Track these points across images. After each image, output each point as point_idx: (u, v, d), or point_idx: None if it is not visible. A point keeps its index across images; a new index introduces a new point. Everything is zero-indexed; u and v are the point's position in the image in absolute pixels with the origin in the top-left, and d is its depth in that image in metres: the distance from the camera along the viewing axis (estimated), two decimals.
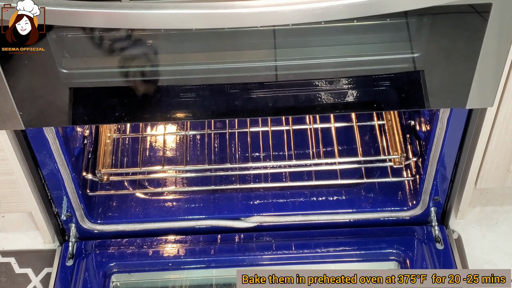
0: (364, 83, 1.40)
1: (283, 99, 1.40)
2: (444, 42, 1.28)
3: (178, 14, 1.12)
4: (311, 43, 1.33)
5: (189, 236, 1.74)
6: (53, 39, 1.25)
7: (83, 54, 1.33)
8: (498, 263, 1.78)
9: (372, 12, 1.15)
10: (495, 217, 1.88)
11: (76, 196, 1.68)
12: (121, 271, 1.71)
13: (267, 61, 1.34)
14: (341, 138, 1.83)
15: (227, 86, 1.37)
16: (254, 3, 1.12)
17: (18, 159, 1.54)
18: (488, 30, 1.24)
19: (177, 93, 1.38)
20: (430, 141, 1.59)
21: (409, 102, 1.43)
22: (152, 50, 1.32)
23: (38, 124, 1.41)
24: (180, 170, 1.80)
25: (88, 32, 1.27)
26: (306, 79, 1.37)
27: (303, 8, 1.12)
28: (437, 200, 1.73)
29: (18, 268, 1.79)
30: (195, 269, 1.71)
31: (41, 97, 1.35)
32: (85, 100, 1.38)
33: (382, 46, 1.34)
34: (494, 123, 1.53)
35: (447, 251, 1.72)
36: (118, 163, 1.84)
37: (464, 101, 1.37)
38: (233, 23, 1.15)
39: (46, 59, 1.27)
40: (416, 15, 1.26)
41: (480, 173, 1.67)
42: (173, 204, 1.78)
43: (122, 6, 1.12)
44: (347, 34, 1.32)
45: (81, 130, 1.75)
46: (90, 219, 1.75)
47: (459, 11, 1.23)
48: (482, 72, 1.31)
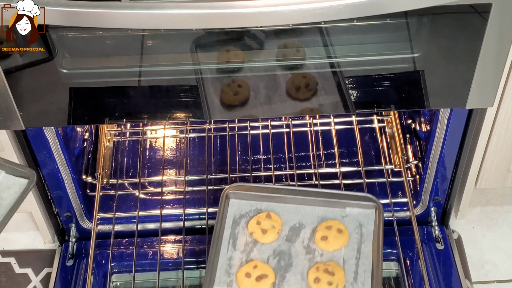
0: (364, 83, 1.40)
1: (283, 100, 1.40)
2: (444, 42, 1.28)
3: (178, 14, 1.12)
4: (311, 43, 1.33)
5: (189, 236, 1.74)
6: (53, 39, 1.25)
7: (83, 54, 1.33)
8: (498, 263, 1.78)
9: (372, 12, 1.15)
10: (495, 217, 1.88)
11: (76, 196, 1.68)
12: (121, 271, 1.71)
13: (267, 61, 1.34)
14: (341, 139, 1.82)
15: (227, 86, 1.37)
16: (254, 3, 1.12)
17: (18, 159, 1.54)
18: (488, 30, 1.24)
19: (177, 93, 1.38)
20: (430, 141, 1.59)
21: (409, 102, 1.43)
22: (152, 50, 1.32)
23: (38, 124, 1.41)
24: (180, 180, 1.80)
25: (88, 32, 1.27)
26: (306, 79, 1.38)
27: (303, 8, 1.12)
28: (437, 200, 1.73)
29: (18, 268, 1.79)
30: (195, 269, 1.70)
31: (41, 97, 1.35)
32: (85, 100, 1.38)
33: (382, 46, 1.34)
34: (494, 123, 1.54)
35: (447, 251, 1.72)
36: (118, 166, 1.84)
37: (464, 101, 1.37)
38: (233, 23, 1.15)
39: (46, 59, 1.27)
40: (416, 15, 1.26)
41: (480, 173, 1.67)
42: (173, 204, 1.78)
43: (122, 6, 1.12)
44: (347, 34, 1.32)
45: (81, 131, 1.75)
46: (90, 219, 1.75)
47: (459, 11, 1.23)
48: (482, 72, 1.31)
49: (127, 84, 1.36)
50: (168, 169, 1.87)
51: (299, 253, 1.50)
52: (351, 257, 1.49)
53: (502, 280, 1.76)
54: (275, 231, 1.52)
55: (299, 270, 1.47)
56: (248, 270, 1.46)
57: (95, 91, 1.38)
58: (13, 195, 1.31)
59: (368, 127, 1.88)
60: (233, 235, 1.53)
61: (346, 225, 1.53)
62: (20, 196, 1.30)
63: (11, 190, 1.32)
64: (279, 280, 1.46)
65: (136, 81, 1.36)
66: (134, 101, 1.39)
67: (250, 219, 1.55)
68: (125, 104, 1.39)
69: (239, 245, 1.51)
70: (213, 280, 1.46)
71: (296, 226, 1.54)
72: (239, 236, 1.52)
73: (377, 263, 1.46)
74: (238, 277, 1.46)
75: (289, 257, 1.49)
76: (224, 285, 1.45)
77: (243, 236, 1.53)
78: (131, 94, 1.38)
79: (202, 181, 1.79)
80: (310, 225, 1.54)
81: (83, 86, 1.37)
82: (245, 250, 1.50)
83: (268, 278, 1.45)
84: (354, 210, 1.55)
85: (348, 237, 1.51)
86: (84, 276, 1.67)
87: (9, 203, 1.30)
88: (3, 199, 1.31)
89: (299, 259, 1.49)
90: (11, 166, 1.33)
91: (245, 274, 1.46)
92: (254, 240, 1.52)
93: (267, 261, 1.49)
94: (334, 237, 1.50)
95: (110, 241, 1.67)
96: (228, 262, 1.48)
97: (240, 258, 1.49)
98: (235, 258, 1.49)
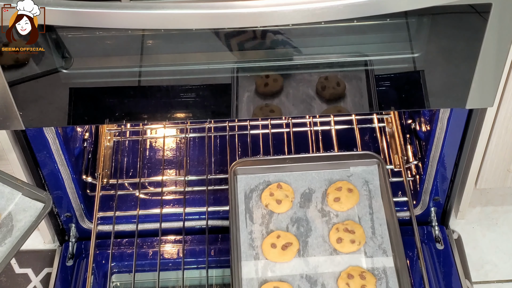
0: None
1: (283, 99, 1.40)
2: (444, 42, 1.28)
3: (178, 14, 1.12)
4: (311, 43, 1.33)
5: (189, 236, 1.74)
6: (53, 39, 1.25)
7: (83, 54, 1.33)
8: (498, 263, 1.78)
9: (372, 12, 1.15)
10: (495, 217, 1.88)
11: (76, 196, 1.68)
12: (121, 271, 1.71)
13: (267, 61, 1.34)
14: (341, 140, 1.82)
15: (226, 86, 1.37)
16: (254, 3, 1.12)
17: (18, 159, 1.54)
18: (488, 30, 1.24)
19: (177, 93, 1.38)
20: (430, 141, 1.59)
21: (409, 102, 1.43)
22: (152, 50, 1.32)
23: (38, 124, 1.41)
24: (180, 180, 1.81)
25: (88, 32, 1.27)
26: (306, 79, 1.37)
27: (303, 8, 1.12)
28: (437, 200, 1.73)
29: (18, 268, 1.79)
30: (195, 269, 1.70)
31: (41, 97, 1.35)
32: (85, 100, 1.38)
33: (382, 46, 1.34)
34: (494, 123, 1.54)
35: (447, 251, 1.72)
36: (118, 166, 1.84)
37: (464, 101, 1.37)
38: (233, 23, 1.15)
39: (46, 59, 1.27)
40: (416, 15, 1.26)
41: (480, 173, 1.67)
42: (173, 204, 1.78)
43: (122, 6, 1.12)
44: (347, 34, 1.32)
45: (81, 131, 1.75)
46: (90, 219, 1.75)
47: (459, 11, 1.23)
48: (482, 72, 1.31)
49: (127, 84, 1.36)
50: (168, 169, 1.87)
51: (315, 217, 1.56)
52: (365, 214, 1.57)
53: (502, 280, 1.76)
54: (289, 199, 1.58)
55: (319, 234, 1.53)
56: (272, 240, 1.51)
57: (95, 91, 1.38)
58: (28, 218, 1.32)
59: (368, 127, 1.87)
60: (248, 209, 1.58)
61: (354, 184, 1.60)
62: (35, 220, 1.32)
63: (27, 212, 1.33)
64: (302, 245, 1.52)
65: (136, 81, 1.36)
66: (134, 101, 1.39)
67: (262, 192, 1.60)
68: (125, 104, 1.39)
69: (256, 219, 1.56)
70: (239, 255, 1.50)
71: (306, 192, 1.60)
72: (254, 210, 1.58)
73: (390, 215, 1.54)
74: (263, 249, 1.51)
75: (307, 223, 1.55)
76: (251, 259, 1.50)
77: (258, 209, 1.58)
78: (131, 94, 1.38)
79: (202, 181, 1.80)
80: (320, 189, 1.61)
81: (83, 86, 1.37)
82: (263, 223, 1.55)
83: (293, 245, 1.51)
84: (357, 168, 1.62)
85: (359, 195, 1.59)
86: (84, 276, 1.67)
87: (24, 227, 1.31)
88: (19, 221, 1.32)
89: (317, 223, 1.55)
90: (28, 189, 1.35)
91: (271, 245, 1.51)
92: (269, 211, 1.57)
93: (287, 230, 1.55)
94: (346, 197, 1.58)
95: (110, 241, 1.67)
96: (250, 236, 1.53)
97: (261, 231, 1.54)
98: (255, 231, 1.54)
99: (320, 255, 1.50)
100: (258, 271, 1.48)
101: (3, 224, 1.32)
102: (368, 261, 1.49)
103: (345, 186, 1.60)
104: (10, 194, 1.35)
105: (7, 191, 1.35)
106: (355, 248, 1.51)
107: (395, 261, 1.49)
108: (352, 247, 1.50)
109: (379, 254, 1.50)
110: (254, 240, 1.52)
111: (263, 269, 1.49)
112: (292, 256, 1.50)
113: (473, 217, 1.87)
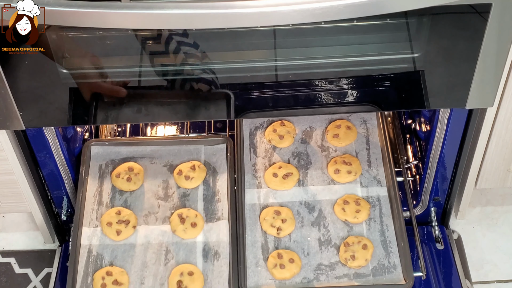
0: (364, 83, 1.40)
1: (283, 99, 1.40)
2: (444, 42, 1.28)
3: (178, 14, 1.12)
4: (311, 43, 1.33)
5: None
6: (53, 39, 1.25)
7: (83, 54, 1.33)
8: (498, 263, 1.78)
9: (372, 12, 1.15)
10: (495, 217, 1.88)
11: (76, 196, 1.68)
12: None
13: (267, 61, 1.34)
14: None
15: (226, 86, 1.37)
16: (254, 3, 1.12)
17: (18, 159, 1.54)
18: (488, 30, 1.24)
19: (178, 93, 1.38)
20: (430, 141, 1.59)
21: (409, 102, 1.43)
22: (152, 50, 1.32)
23: (38, 124, 1.41)
24: None
25: (88, 32, 1.27)
26: (306, 79, 1.37)
27: (303, 8, 1.12)
28: (437, 200, 1.73)
29: (18, 268, 1.79)
30: None
31: (41, 97, 1.35)
32: (85, 100, 1.38)
33: (382, 46, 1.34)
34: (494, 123, 1.53)
35: (447, 251, 1.72)
36: None
37: (464, 101, 1.37)
38: (233, 23, 1.15)
39: (46, 59, 1.27)
40: (416, 15, 1.26)
41: (480, 173, 1.67)
42: None
43: (122, 6, 1.12)
44: (347, 34, 1.32)
45: (81, 131, 1.75)
46: None
47: (459, 11, 1.23)
48: (482, 72, 1.31)
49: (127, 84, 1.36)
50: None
51: (315, 151, 1.69)
52: (362, 149, 1.69)
53: (502, 280, 1.76)
54: (291, 135, 1.71)
55: (318, 166, 1.67)
56: (274, 171, 1.65)
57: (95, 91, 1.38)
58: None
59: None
60: (252, 144, 1.70)
61: (353, 122, 1.72)
62: None
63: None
64: (302, 176, 1.65)
65: (136, 81, 1.36)
66: (134, 101, 1.39)
67: (265, 129, 1.72)
68: (125, 104, 1.39)
69: (259, 153, 1.69)
70: (243, 183, 1.63)
71: (307, 130, 1.73)
72: (258, 145, 1.70)
73: (385, 149, 1.65)
74: (266, 178, 1.64)
75: (307, 156, 1.69)
76: (254, 187, 1.63)
77: (261, 144, 1.71)
78: (132, 94, 1.37)
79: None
80: (320, 127, 1.72)
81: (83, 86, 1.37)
82: (266, 156, 1.69)
83: (294, 175, 1.64)
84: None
85: (357, 132, 1.71)
86: None
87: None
88: None
89: (317, 156, 1.68)
90: None
91: (272, 174, 1.64)
92: (272, 146, 1.70)
93: (288, 162, 1.67)
94: (344, 133, 1.70)
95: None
96: (253, 167, 1.66)
97: (263, 163, 1.67)
98: (258, 163, 1.67)
99: (318, 185, 1.63)
100: (260, 198, 1.61)
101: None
102: (363, 190, 1.62)
103: (344, 123, 1.72)
104: None
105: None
106: (352, 178, 1.63)
107: (389, 191, 1.61)
108: (348, 177, 1.63)
109: (374, 184, 1.63)
110: (257, 171, 1.65)
111: (265, 196, 1.62)
112: (293, 184, 1.63)
113: (473, 217, 1.87)
